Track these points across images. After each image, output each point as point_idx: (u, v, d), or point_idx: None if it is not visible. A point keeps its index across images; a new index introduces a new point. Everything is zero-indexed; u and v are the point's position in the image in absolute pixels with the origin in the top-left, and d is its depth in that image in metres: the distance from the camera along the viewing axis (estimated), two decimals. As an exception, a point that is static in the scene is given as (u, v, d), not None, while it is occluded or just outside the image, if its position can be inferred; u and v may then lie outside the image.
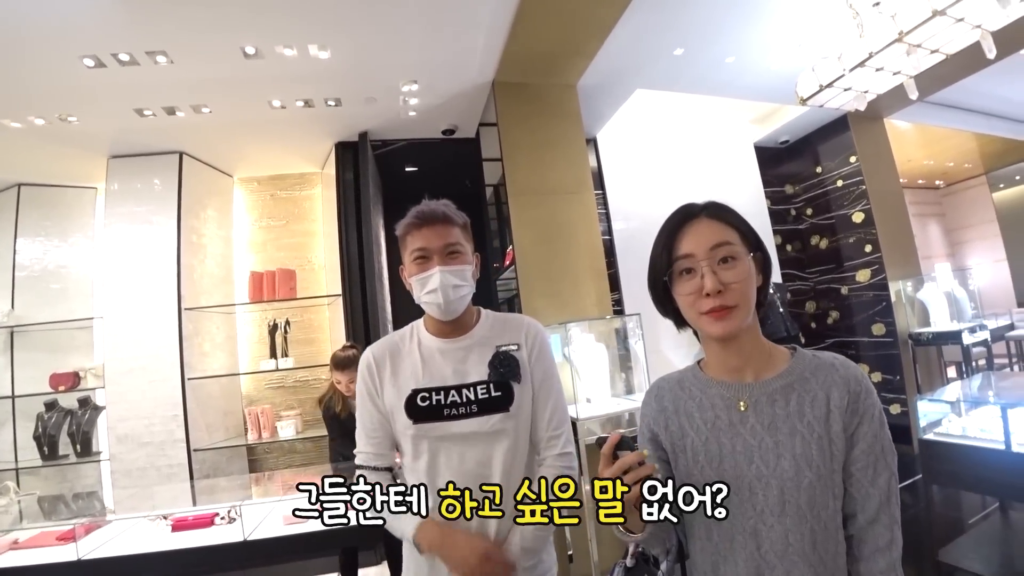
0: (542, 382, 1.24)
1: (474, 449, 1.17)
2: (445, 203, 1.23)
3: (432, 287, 1.17)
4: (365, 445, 1.23)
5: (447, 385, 1.19)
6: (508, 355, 1.22)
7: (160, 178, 3.62)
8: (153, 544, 2.14)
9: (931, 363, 4.81)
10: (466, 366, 1.21)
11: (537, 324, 1.31)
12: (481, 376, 1.20)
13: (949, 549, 2.56)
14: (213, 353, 3.80)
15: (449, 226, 1.20)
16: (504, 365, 1.20)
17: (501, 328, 1.27)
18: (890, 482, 0.80)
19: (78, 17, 2.22)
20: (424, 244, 1.19)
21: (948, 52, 2.84)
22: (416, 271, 1.20)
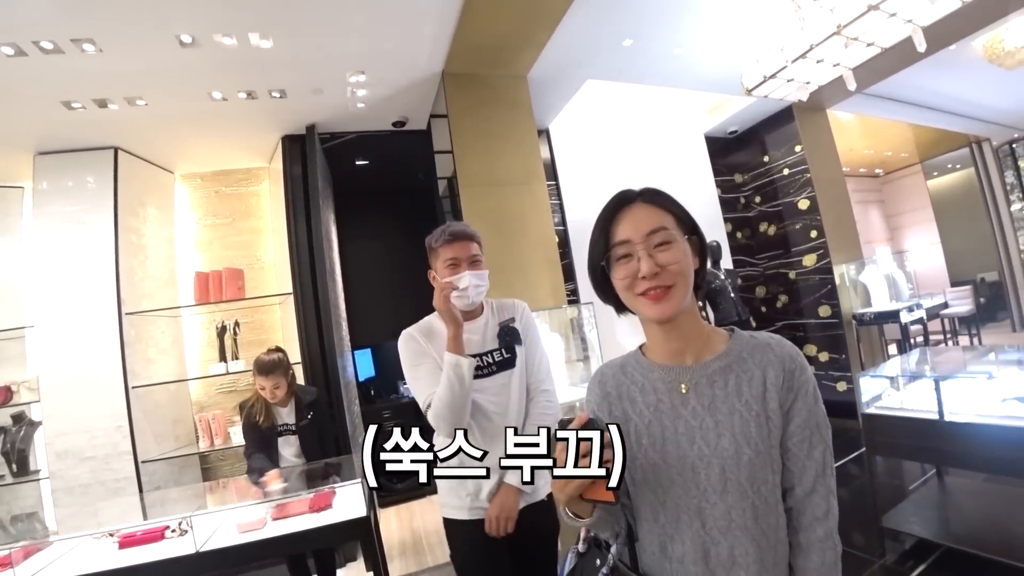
0: (531, 342, 1.71)
1: (497, 395, 1.63)
2: (465, 224, 1.67)
3: (464, 285, 1.58)
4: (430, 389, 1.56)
5: (474, 353, 1.61)
6: (510, 327, 1.68)
7: (94, 175, 3.41)
8: (99, 563, 2.02)
9: (873, 342, 5.06)
10: (484, 340, 1.66)
11: (524, 304, 1.79)
12: (494, 345, 1.66)
13: (891, 515, 2.70)
14: (159, 359, 3.63)
15: (472, 241, 1.64)
16: (508, 335, 1.67)
17: (500, 309, 1.74)
18: (825, 454, 0.83)
19: (-9, 2, 2.06)
20: (455, 254, 1.60)
21: (883, 45, 2.98)
22: (449, 273, 1.59)
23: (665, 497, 0.85)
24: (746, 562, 0.79)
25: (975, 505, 2.74)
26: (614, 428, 0.76)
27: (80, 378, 3.23)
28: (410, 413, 4.53)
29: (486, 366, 1.63)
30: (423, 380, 1.58)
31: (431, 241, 1.65)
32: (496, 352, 1.65)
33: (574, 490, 0.76)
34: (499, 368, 1.64)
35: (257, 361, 2.54)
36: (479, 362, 1.62)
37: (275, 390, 2.51)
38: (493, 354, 1.65)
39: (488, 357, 1.64)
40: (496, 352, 1.65)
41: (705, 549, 0.81)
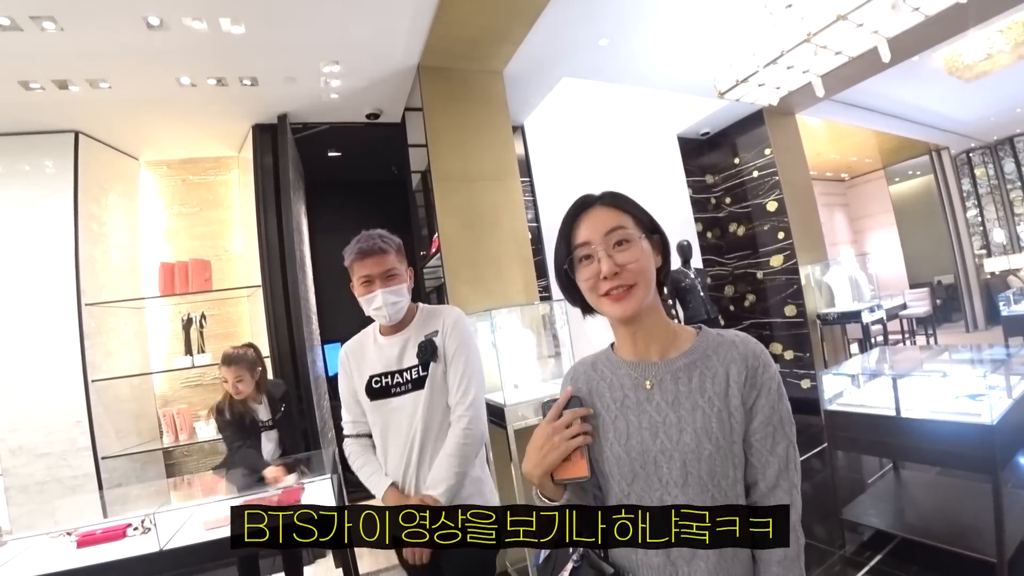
0: (453, 356, 1.58)
1: (407, 415, 1.56)
2: (380, 234, 1.57)
3: (377, 305, 1.53)
4: (347, 417, 1.66)
5: (392, 370, 1.58)
6: (429, 342, 1.57)
7: (52, 159, 3.27)
8: (55, 563, 1.95)
9: (836, 341, 5.24)
10: (404, 355, 1.58)
11: (455, 311, 1.67)
12: (414, 361, 1.57)
13: (851, 507, 2.80)
14: (120, 352, 3.51)
15: (385, 255, 1.55)
16: (424, 351, 1.56)
17: (429, 319, 1.63)
18: (788, 450, 0.85)
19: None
20: (368, 272, 1.53)
21: (851, 54, 3.08)
22: (364, 292, 1.54)
23: (629, 489, 0.87)
24: (706, 553, 0.82)
25: (928, 497, 2.87)
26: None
27: (36, 371, 3.11)
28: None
29: (403, 383, 1.56)
30: (344, 405, 1.66)
31: (344, 254, 1.58)
32: (414, 369, 1.56)
33: (550, 465, 0.84)
34: (414, 387, 1.56)
35: (224, 352, 2.47)
36: (397, 379, 1.57)
37: (237, 383, 2.41)
38: (412, 371, 1.56)
39: (406, 374, 1.57)
40: (414, 369, 1.56)
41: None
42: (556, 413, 0.87)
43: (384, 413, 1.57)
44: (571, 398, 0.89)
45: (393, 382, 1.57)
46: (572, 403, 0.88)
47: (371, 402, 1.58)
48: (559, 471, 0.85)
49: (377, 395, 1.57)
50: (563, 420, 0.86)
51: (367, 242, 1.54)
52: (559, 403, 0.88)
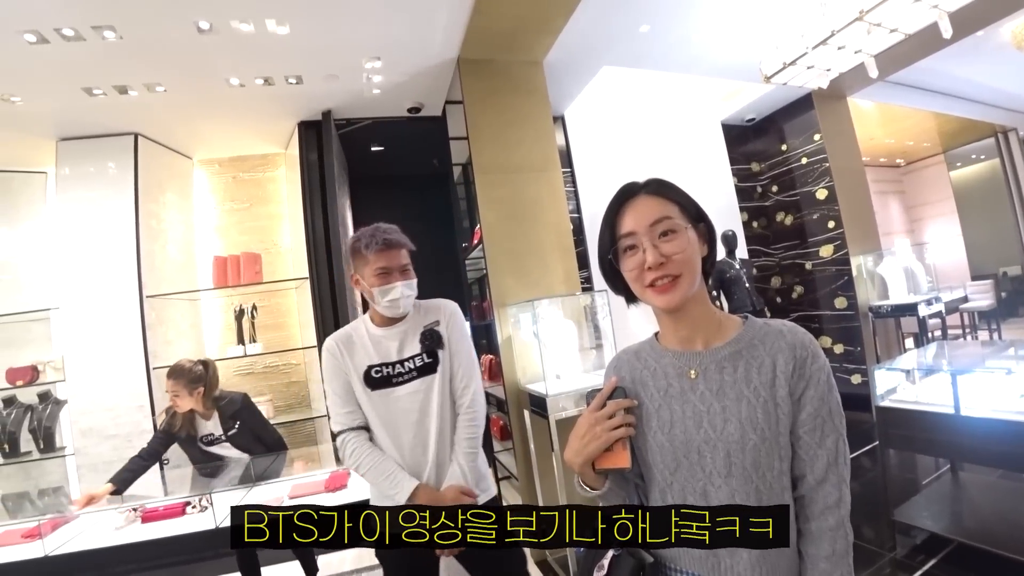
0: (455, 345, 1.63)
1: (417, 405, 1.57)
2: (396, 229, 1.57)
3: (394, 296, 1.53)
4: (342, 409, 1.58)
5: (392, 360, 1.58)
6: (433, 330, 1.61)
7: (114, 161, 3.47)
8: (123, 537, 2.10)
9: (889, 334, 5.01)
10: (404, 345, 1.59)
11: (451, 304, 1.70)
12: (415, 350, 1.59)
13: (903, 509, 2.69)
14: (178, 341, 3.71)
15: (404, 249, 1.57)
16: (430, 338, 1.59)
17: (425, 311, 1.65)
18: (838, 443, 0.83)
19: (15, -12, 2.09)
20: (386, 264, 1.52)
21: (907, 31, 2.92)
22: (379, 283, 1.52)
23: (672, 479, 0.86)
24: None
25: (989, 501, 2.72)
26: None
27: (103, 359, 3.33)
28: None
29: (406, 372, 1.57)
30: (335, 398, 1.58)
31: (359, 246, 1.55)
32: (417, 357, 1.58)
33: (591, 454, 0.85)
34: (419, 373, 1.57)
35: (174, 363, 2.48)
36: (399, 368, 1.57)
37: (174, 397, 2.41)
38: (414, 359, 1.58)
39: (409, 363, 1.57)
40: (417, 357, 1.58)
41: None
42: (600, 403, 0.88)
43: (388, 402, 1.56)
44: (615, 388, 0.89)
45: (395, 372, 1.56)
46: (616, 393, 0.89)
47: (372, 392, 1.55)
48: (600, 460, 0.86)
49: (378, 385, 1.56)
50: (606, 410, 0.86)
51: (391, 235, 1.54)
52: (603, 393, 0.89)
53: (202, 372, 2.47)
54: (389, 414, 1.56)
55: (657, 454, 0.88)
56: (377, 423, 1.57)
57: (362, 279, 1.56)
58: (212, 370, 2.55)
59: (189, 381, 2.41)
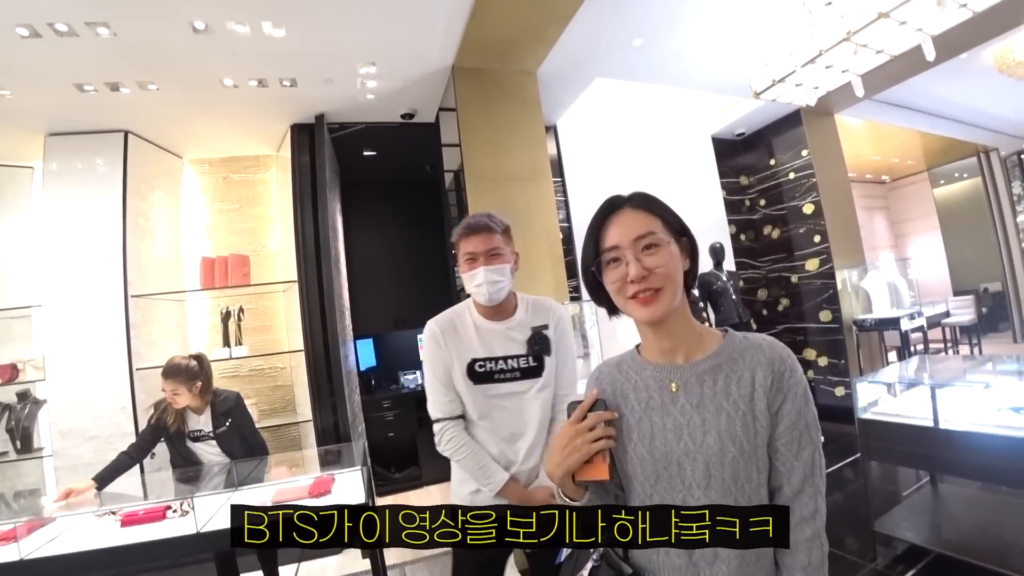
0: (563, 352, 1.62)
1: (516, 405, 1.56)
2: (488, 214, 1.56)
3: (479, 281, 1.51)
4: (442, 397, 1.57)
5: (497, 356, 1.56)
6: (542, 335, 1.58)
7: (103, 158, 3.43)
8: (101, 540, 2.05)
9: (873, 348, 5.08)
10: (510, 342, 1.56)
11: (561, 307, 1.68)
12: (521, 351, 1.57)
13: (884, 520, 2.72)
14: (163, 342, 3.66)
15: (491, 233, 1.54)
16: (538, 343, 1.57)
17: (535, 312, 1.62)
18: (814, 456, 0.84)
19: (8, -17, 2.08)
20: (472, 248, 1.52)
21: (892, 53, 2.98)
22: (467, 268, 1.53)
23: (652, 491, 0.87)
24: (728, 556, 0.82)
25: (968, 513, 2.76)
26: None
27: (86, 358, 3.27)
28: (410, 403, 4.56)
29: (509, 370, 1.56)
30: (435, 388, 1.57)
31: (453, 234, 1.60)
32: (523, 358, 1.57)
33: (571, 466, 0.85)
34: (523, 375, 1.56)
35: (167, 362, 2.45)
36: (503, 365, 1.56)
37: (174, 395, 2.42)
38: (519, 359, 1.57)
39: (513, 361, 1.56)
40: (523, 358, 1.57)
41: None
42: (580, 415, 0.88)
43: (489, 397, 1.55)
44: (596, 400, 0.89)
45: (497, 367, 1.55)
46: (597, 405, 0.89)
47: (475, 385, 1.55)
48: (580, 472, 0.86)
49: (481, 379, 1.55)
50: (587, 422, 0.86)
51: (475, 219, 1.55)
52: (584, 405, 0.89)
53: (197, 367, 2.48)
54: (488, 408, 1.56)
55: (638, 466, 0.88)
56: (475, 415, 1.57)
57: (459, 267, 1.58)
58: (206, 363, 2.56)
59: (188, 378, 2.42)
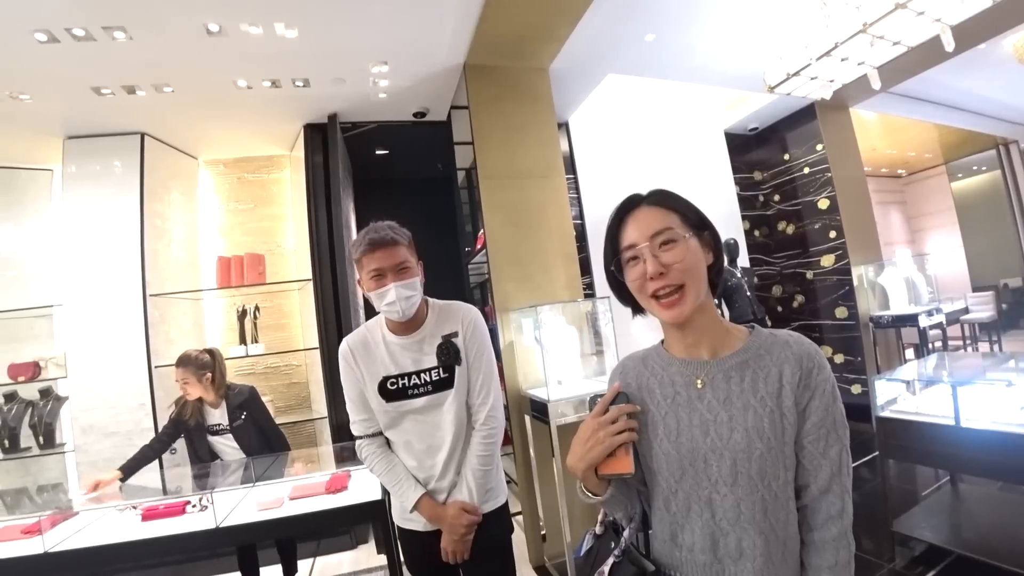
0: (474, 359, 1.56)
1: (430, 419, 1.54)
2: (390, 225, 1.49)
3: (390, 300, 1.44)
4: (357, 416, 1.58)
5: (408, 371, 1.53)
6: (450, 343, 1.53)
7: (121, 160, 3.49)
8: (123, 534, 2.10)
9: (890, 345, 5.01)
10: (421, 355, 1.53)
11: (472, 310, 1.62)
12: (432, 363, 1.53)
13: (903, 520, 2.69)
14: (180, 340, 3.71)
15: (397, 247, 1.46)
16: (446, 353, 1.52)
17: (444, 318, 1.58)
18: (841, 454, 0.84)
19: (27, -12, 2.11)
20: (378, 265, 1.44)
21: (910, 44, 2.93)
22: (374, 287, 1.45)
23: (677, 487, 0.87)
24: (753, 554, 0.81)
25: (988, 513, 2.73)
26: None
27: (106, 356, 3.34)
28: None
29: (422, 384, 1.52)
30: (351, 405, 1.58)
31: (352, 250, 1.50)
32: (434, 371, 1.53)
33: (594, 459, 0.84)
34: (435, 388, 1.53)
35: (181, 353, 2.57)
36: (415, 380, 1.52)
37: (184, 384, 2.52)
38: (430, 372, 1.52)
39: (425, 375, 1.52)
40: (434, 371, 1.53)
41: (714, 539, 0.83)
42: (602, 408, 0.88)
43: (402, 414, 1.54)
44: (618, 394, 0.89)
45: (410, 383, 1.52)
46: (619, 399, 0.89)
47: (387, 403, 1.52)
48: (603, 466, 0.86)
49: (393, 397, 1.52)
50: (609, 415, 0.86)
51: (377, 233, 1.46)
52: (606, 398, 0.89)
53: (208, 360, 2.58)
54: (403, 424, 1.55)
55: (663, 461, 0.88)
56: (391, 432, 1.57)
57: (363, 284, 1.51)
58: (219, 358, 2.66)
59: (197, 368, 2.52)
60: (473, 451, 1.55)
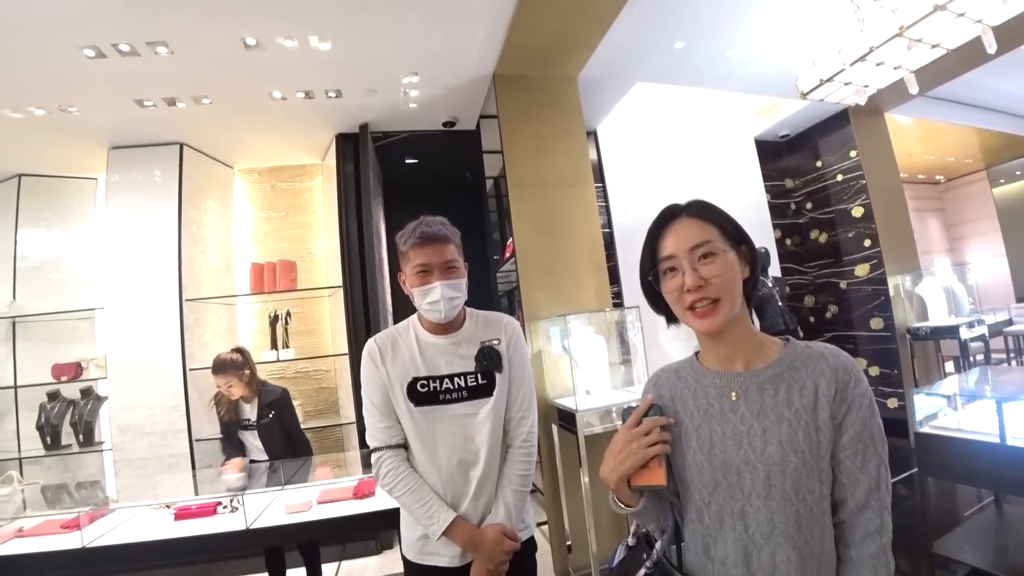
0: (516, 370, 1.46)
1: (464, 430, 1.39)
2: (442, 221, 1.41)
3: (434, 298, 1.36)
4: (379, 423, 1.41)
5: (441, 374, 1.40)
6: (492, 349, 1.43)
7: (161, 169, 3.62)
8: (156, 532, 2.16)
9: (929, 358, 4.84)
10: (456, 358, 1.41)
11: (514, 321, 1.52)
12: (469, 367, 1.41)
13: (944, 541, 2.58)
14: (214, 344, 3.81)
15: (448, 244, 1.38)
16: (488, 358, 1.42)
17: (485, 326, 1.48)
18: (879, 469, 0.82)
19: (77, 6, 2.21)
20: (426, 260, 1.36)
21: (949, 47, 2.84)
22: (418, 283, 1.37)
23: (710, 498, 0.86)
24: (787, 569, 0.79)
25: (1036, 535, 2.60)
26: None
27: (143, 358, 3.45)
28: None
29: (455, 389, 1.39)
30: (371, 413, 1.41)
31: (399, 241, 1.41)
32: (470, 376, 1.40)
33: (626, 471, 0.84)
34: (471, 395, 1.39)
35: (214, 359, 2.64)
36: (448, 384, 1.40)
37: (228, 388, 2.61)
38: (467, 377, 1.40)
39: (459, 380, 1.40)
40: (470, 376, 1.40)
41: (747, 553, 0.82)
42: (636, 420, 0.88)
43: (431, 422, 1.38)
44: (651, 406, 0.90)
45: (443, 387, 1.39)
46: (652, 411, 0.89)
47: (415, 407, 1.38)
48: (636, 477, 0.86)
49: (423, 401, 1.38)
50: (642, 427, 0.87)
51: (429, 227, 1.37)
52: (639, 410, 0.89)
53: (241, 359, 2.67)
54: (432, 434, 1.38)
55: (696, 473, 0.87)
56: (417, 442, 1.39)
57: (405, 279, 1.41)
58: (248, 354, 2.75)
59: (236, 369, 2.61)
60: (514, 470, 1.42)
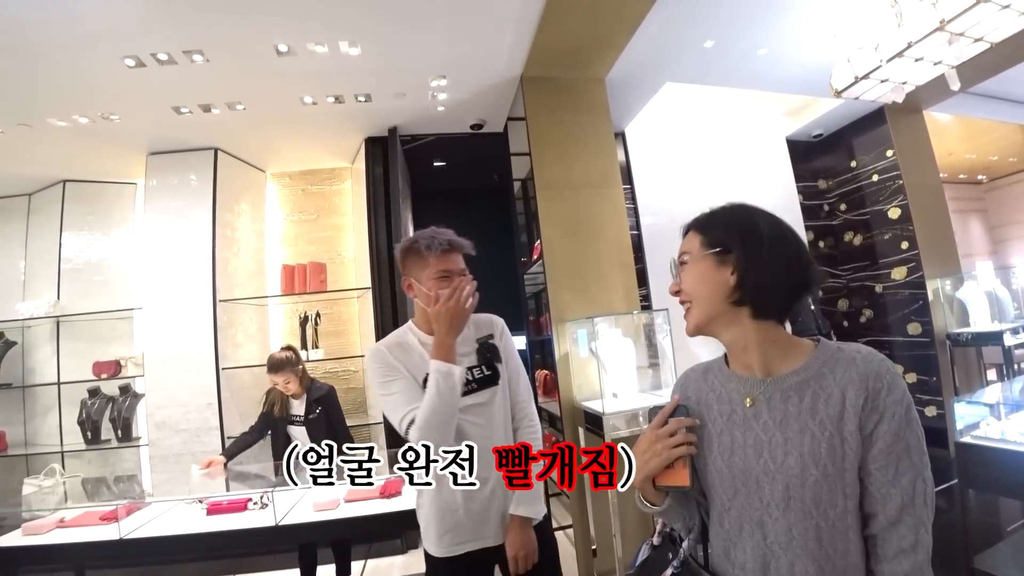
0: (510, 359, 1.61)
1: (482, 418, 1.51)
2: (453, 232, 1.53)
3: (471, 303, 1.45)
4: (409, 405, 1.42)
5: None
6: (489, 343, 1.58)
7: (196, 174, 3.74)
8: (189, 526, 2.22)
9: (970, 365, 4.65)
10: (459, 356, 1.47)
11: (500, 319, 1.67)
12: (472, 362, 1.53)
13: (985, 556, 2.47)
14: (246, 344, 3.91)
15: (461, 253, 1.52)
16: (488, 351, 1.57)
17: (476, 325, 1.60)
18: (915, 483, 0.77)
19: (119, 19, 2.30)
20: (449, 267, 1.47)
21: (993, 40, 2.73)
22: (437, 287, 1.44)
23: (730, 505, 0.85)
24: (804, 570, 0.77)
25: (1087, 552, 2.48)
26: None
27: (179, 357, 3.56)
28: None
29: (466, 382, 1.48)
30: (398, 397, 1.43)
31: (419, 247, 1.47)
32: (476, 369, 1.52)
33: (651, 471, 0.86)
34: (480, 386, 1.52)
35: (269, 359, 2.74)
36: None
37: (286, 384, 2.72)
38: (472, 371, 1.52)
39: (467, 373, 1.49)
40: (476, 369, 1.52)
41: (765, 561, 0.81)
42: (661, 420, 0.89)
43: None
44: (678, 406, 0.90)
45: None
46: (679, 411, 0.89)
47: None
48: (661, 478, 0.86)
49: None
50: (668, 428, 0.87)
51: (453, 237, 1.49)
52: (665, 410, 0.90)
53: (294, 356, 2.78)
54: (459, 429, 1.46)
55: (716, 478, 0.87)
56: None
57: (418, 283, 1.48)
58: (298, 352, 2.86)
59: (292, 366, 2.73)
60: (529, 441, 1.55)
